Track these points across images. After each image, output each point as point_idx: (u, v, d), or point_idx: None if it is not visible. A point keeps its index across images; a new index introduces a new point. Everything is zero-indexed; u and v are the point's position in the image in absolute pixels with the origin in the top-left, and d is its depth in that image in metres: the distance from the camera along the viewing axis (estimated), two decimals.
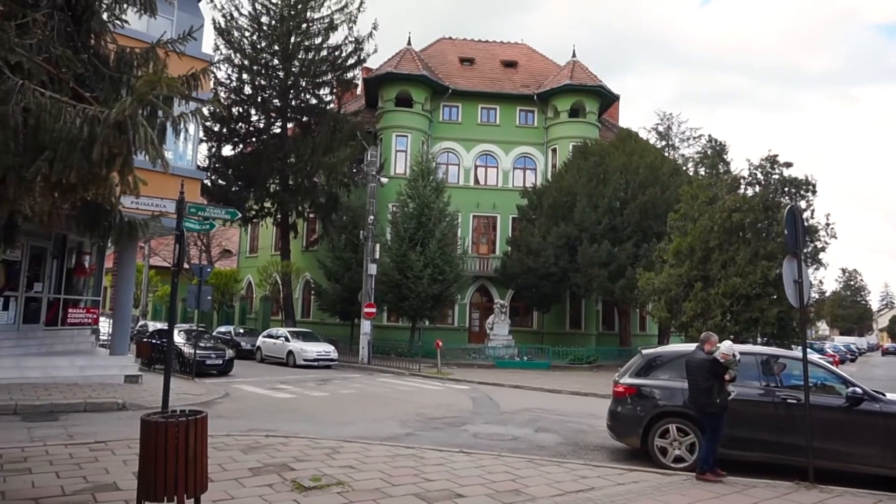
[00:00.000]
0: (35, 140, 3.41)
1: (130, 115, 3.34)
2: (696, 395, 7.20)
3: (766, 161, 17.66)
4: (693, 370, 7.26)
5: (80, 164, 3.41)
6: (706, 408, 7.11)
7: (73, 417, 10.40)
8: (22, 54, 3.71)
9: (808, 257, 17.11)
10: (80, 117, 3.43)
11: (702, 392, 7.10)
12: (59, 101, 3.52)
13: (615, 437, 8.77)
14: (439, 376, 20.74)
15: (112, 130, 3.36)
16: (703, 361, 7.21)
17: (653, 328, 36.42)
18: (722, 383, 7.09)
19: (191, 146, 15.48)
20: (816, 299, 18.69)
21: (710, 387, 7.05)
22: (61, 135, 3.38)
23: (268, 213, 31.08)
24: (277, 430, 9.76)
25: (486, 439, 9.80)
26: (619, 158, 27.48)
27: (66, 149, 3.37)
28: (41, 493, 5.49)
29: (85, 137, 3.38)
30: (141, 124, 3.37)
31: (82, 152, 3.39)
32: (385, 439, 9.22)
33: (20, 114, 3.45)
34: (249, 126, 30.78)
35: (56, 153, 3.38)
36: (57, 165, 3.40)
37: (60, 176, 3.42)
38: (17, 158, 3.44)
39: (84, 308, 17.84)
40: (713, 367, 7.10)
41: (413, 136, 32.91)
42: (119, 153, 3.37)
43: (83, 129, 3.38)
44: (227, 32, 29.63)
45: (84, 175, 3.47)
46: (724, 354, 7.14)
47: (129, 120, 3.34)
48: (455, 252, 27.95)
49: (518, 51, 40.07)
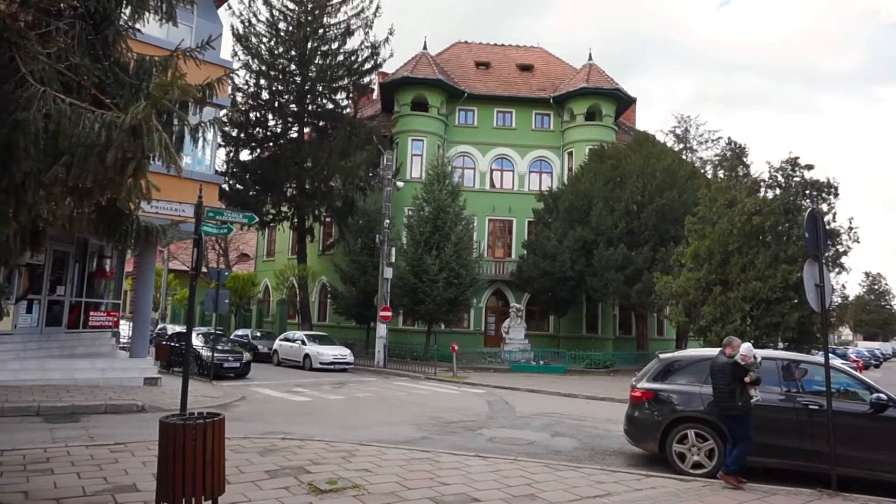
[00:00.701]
0: (55, 145, 3.47)
1: (144, 118, 3.38)
2: (718, 398, 7.18)
3: (787, 163, 17.41)
4: (715, 374, 7.25)
5: (96, 169, 3.46)
6: (728, 410, 7.07)
7: (93, 419, 10.55)
8: (45, 62, 3.78)
9: (830, 261, 16.83)
10: (98, 122, 3.49)
11: (724, 395, 7.09)
12: (78, 108, 3.58)
13: (632, 442, 8.68)
14: (455, 380, 20.71)
15: (126, 135, 3.41)
16: (724, 365, 7.19)
17: (670, 332, 36.06)
18: (743, 386, 7.03)
19: (209, 151, 15.64)
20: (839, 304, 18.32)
21: (731, 390, 7.02)
22: (80, 140, 3.44)
23: (285, 217, 31.32)
24: (294, 433, 9.81)
25: (502, 443, 9.76)
26: (635, 161, 27.28)
27: (84, 153, 3.42)
28: (63, 494, 5.57)
29: (102, 142, 3.43)
30: (155, 129, 3.42)
31: (98, 157, 3.44)
32: (401, 443, 9.23)
33: (41, 120, 3.51)
34: (267, 131, 31.08)
35: (74, 158, 3.44)
36: (74, 170, 3.46)
37: (77, 181, 3.47)
38: (37, 163, 3.50)
39: (105, 311, 18.09)
40: (734, 370, 7.07)
41: (429, 139, 32.99)
42: (133, 157, 3.41)
43: (101, 134, 3.44)
44: (246, 38, 29.95)
45: (100, 179, 3.52)
46: (743, 356, 7.11)
47: (143, 124, 3.38)
48: (471, 256, 27.94)
49: (534, 54, 40.01)
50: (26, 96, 3.47)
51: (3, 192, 3.77)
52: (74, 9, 4.57)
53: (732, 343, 7.40)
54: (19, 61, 3.55)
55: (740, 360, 7.09)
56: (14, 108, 3.49)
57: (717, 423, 7.73)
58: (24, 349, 14.28)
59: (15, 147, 3.43)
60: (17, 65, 3.55)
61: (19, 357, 13.84)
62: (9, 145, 3.48)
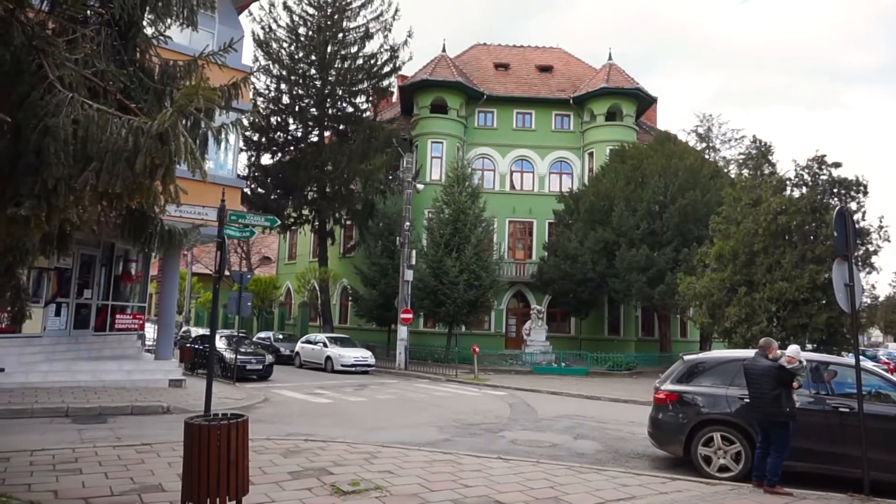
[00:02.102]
0: (84, 151, 3.53)
1: (171, 125, 3.42)
2: (763, 404, 6.89)
3: (814, 161, 17.03)
4: (757, 378, 6.96)
5: (125, 175, 3.51)
6: (775, 417, 6.81)
7: (120, 420, 10.71)
8: (72, 69, 3.85)
9: (860, 261, 16.44)
10: (125, 128, 3.54)
11: (769, 401, 6.80)
12: (105, 113, 3.64)
13: (656, 444, 8.56)
14: (476, 382, 20.65)
15: (154, 141, 3.46)
16: (768, 368, 6.92)
17: (694, 334, 35.56)
18: (789, 391, 6.82)
19: (231, 155, 15.84)
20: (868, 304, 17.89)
21: (777, 395, 6.76)
22: (108, 146, 3.49)
23: (305, 220, 31.59)
24: (316, 434, 9.85)
25: (524, 446, 9.70)
26: (657, 161, 26.98)
27: (112, 159, 3.48)
28: (91, 493, 5.66)
29: (130, 148, 3.49)
30: (182, 135, 3.46)
31: (126, 162, 3.49)
32: (422, 445, 9.21)
33: (70, 126, 3.57)
34: (287, 135, 31.38)
35: (103, 164, 3.49)
36: (103, 176, 3.52)
37: (107, 186, 3.52)
38: (67, 169, 3.56)
39: (131, 314, 18.39)
40: (780, 375, 6.82)
41: (448, 142, 33.01)
42: (161, 164, 3.46)
43: (128, 140, 3.49)
44: (266, 44, 30.29)
45: (129, 185, 3.57)
46: (790, 359, 6.85)
47: (170, 131, 3.43)
48: (491, 258, 27.88)
49: (553, 55, 39.84)
50: (55, 102, 3.53)
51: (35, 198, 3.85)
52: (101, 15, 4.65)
53: (772, 345, 7.15)
54: (48, 68, 3.63)
55: (787, 364, 6.84)
56: (43, 114, 3.56)
57: (743, 426, 7.60)
58: (52, 351, 14.57)
59: (45, 153, 3.49)
60: (46, 71, 3.62)
61: (48, 359, 14.13)
62: (39, 151, 3.55)
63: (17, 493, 5.48)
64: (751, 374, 7.08)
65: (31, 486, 5.80)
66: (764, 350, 7.17)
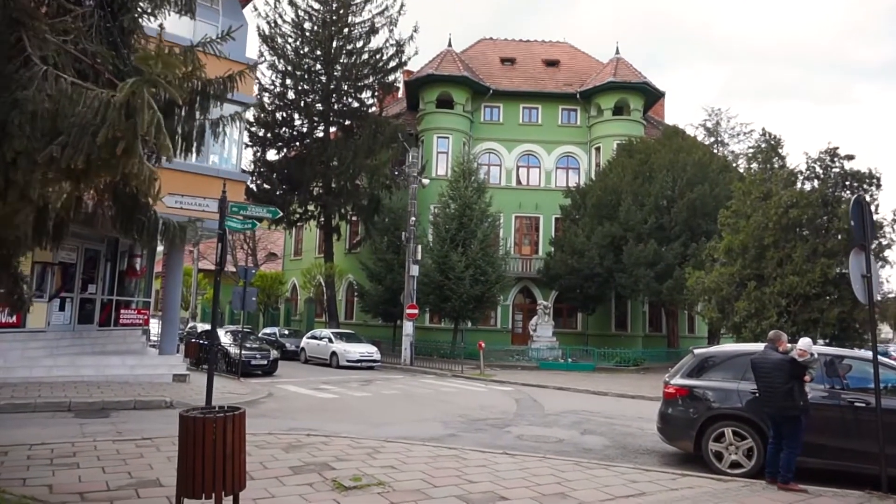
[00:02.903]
0: (53, 125, 3.37)
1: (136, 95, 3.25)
2: (774, 398, 6.69)
3: (826, 154, 16.71)
4: (768, 372, 6.75)
5: (90, 149, 3.34)
6: (787, 411, 6.61)
7: (123, 415, 10.63)
8: (56, 44, 3.71)
9: (872, 254, 16.08)
10: (97, 101, 3.38)
11: (781, 395, 6.60)
12: (80, 87, 3.48)
13: (666, 440, 8.38)
14: (482, 378, 20.51)
15: (118, 113, 3.28)
16: (780, 362, 6.72)
17: (702, 329, 35.26)
18: (801, 384, 6.63)
19: (235, 149, 15.73)
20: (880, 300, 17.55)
21: (789, 388, 6.56)
22: (77, 119, 3.33)
23: (311, 215, 31.49)
24: (319, 429, 9.73)
25: (530, 441, 9.54)
26: (665, 155, 26.70)
27: (79, 133, 3.32)
28: (87, 488, 5.54)
29: (97, 122, 3.32)
30: (148, 106, 3.28)
31: (92, 136, 3.33)
32: (427, 440, 9.07)
33: (40, 99, 3.42)
34: (293, 130, 31.27)
35: (70, 138, 3.34)
36: (67, 150, 3.36)
37: (70, 161, 3.36)
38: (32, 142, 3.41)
39: (135, 309, 18.36)
40: (792, 368, 6.63)
41: (454, 137, 32.82)
42: (123, 137, 3.28)
43: (97, 114, 3.33)
44: (271, 39, 30.16)
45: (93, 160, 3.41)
46: (801, 352, 6.67)
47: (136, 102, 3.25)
48: (497, 253, 27.70)
49: (560, 49, 39.54)
50: (28, 75, 3.38)
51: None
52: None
53: (781, 338, 6.96)
54: (26, 41, 3.48)
55: (798, 357, 6.65)
56: (15, 87, 3.41)
57: (755, 421, 7.40)
58: (56, 346, 14.52)
59: (10, 125, 3.34)
60: (24, 45, 3.47)
61: (52, 354, 14.08)
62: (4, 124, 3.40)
63: (11, 487, 5.37)
64: (761, 367, 6.88)
65: (26, 480, 5.69)
66: (774, 343, 6.98)
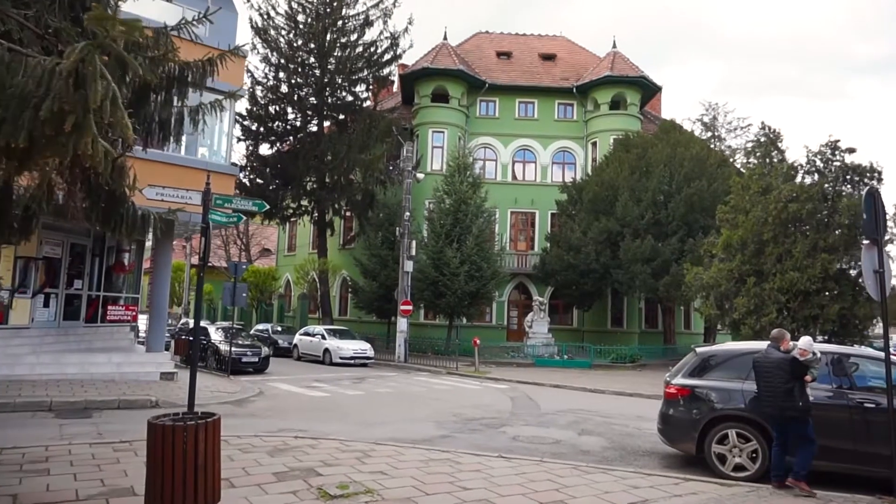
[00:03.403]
0: None
1: (85, 59, 2.88)
2: (774, 398, 6.48)
3: (827, 147, 16.45)
4: (769, 371, 6.54)
5: (31, 125, 2.98)
6: (787, 411, 6.39)
7: (106, 415, 10.29)
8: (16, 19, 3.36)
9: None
10: (41, 69, 3.02)
11: (780, 395, 6.39)
12: (19, 54, 3.12)
13: (667, 442, 8.08)
14: (477, 375, 20.22)
15: (64, 83, 2.92)
16: (780, 361, 6.50)
17: (698, 326, 35.09)
18: (802, 384, 6.38)
19: (225, 141, 15.35)
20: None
21: (790, 389, 6.34)
22: (16, 91, 2.98)
23: (305, 211, 31.11)
24: (309, 430, 9.42)
25: (526, 442, 9.25)
26: (662, 150, 26.40)
27: (18, 106, 2.96)
28: (54, 498, 5.20)
29: (41, 94, 2.96)
30: (101, 76, 2.92)
31: (35, 110, 2.97)
32: (419, 442, 8.77)
33: None
34: (286, 124, 30.86)
35: (8, 112, 2.98)
36: (6, 127, 3.00)
37: (8, 138, 3.01)
38: None
39: (123, 305, 17.98)
40: (793, 367, 6.40)
41: (450, 131, 32.47)
42: (72, 111, 2.92)
43: (41, 84, 2.97)
44: (264, 31, 29.73)
45: (37, 138, 3.05)
46: (802, 352, 6.43)
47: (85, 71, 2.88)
48: (492, 248, 27.40)
49: (556, 43, 39.19)
50: None
51: None
52: None
53: (784, 337, 6.73)
54: None
55: (799, 356, 6.41)
56: None
57: (760, 423, 7.12)
58: (40, 343, 14.14)
59: None
60: None
61: (35, 351, 13.71)
62: None
63: None
64: (762, 367, 6.66)
65: None
66: (776, 342, 6.73)
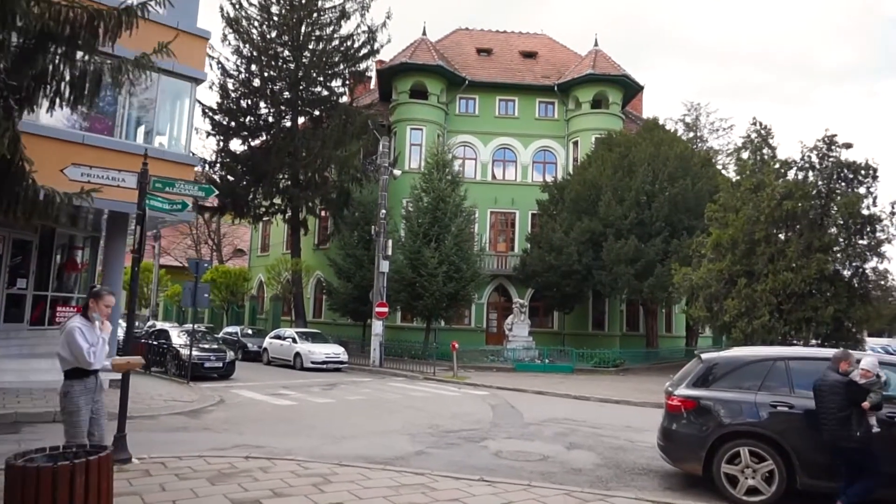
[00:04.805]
0: None
1: None
2: (828, 426, 5.66)
3: (823, 142, 15.83)
4: (825, 395, 5.73)
5: None
6: (842, 441, 5.57)
7: (38, 429, 9.14)
8: None
9: (868, 250, 15.32)
10: None
11: (836, 423, 5.57)
12: None
13: (670, 461, 7.18)
14: (455, 381, 19.27)
15: None
16: (836, 384, 5.71)
17: (680, 328, 34.60)
18: (862, 411, 5.55)
19: (185, 128, 14.21)
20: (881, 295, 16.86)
21: (846, 416, 5.54)
22: None
23: (278, 209, 29.92)
24: (266, 446, 8.40)
25: (509, 459, 8.32)
26: (646, 149, 25.77)
27: None
28: None
29: None
30: None
31: None
32: (390, 460, 7.79)
33: None
34: (259, 119, 29.67)
35: None
36: None
37: None
38: None
39: (74, 307, 16.65)
40: (848, 391, 5.59)
41: (428, 129, 31.53)
42: None
43: None
44: (236, 22, 28.54)
45: None
46: (865, 373, 5.63)
47: None
48: (472, 249, 26.48)
49: (538, 41, 38.51)
50: None
51: None
52: None
53: (848, 358, 5.88)
54: None
55: (859, 379, 5.60)
56: None
57: (777, 440, 6.28)
58: None
59: None
60: None
61: None
62: None
63: None
64: (818, 390, 5.87)
65: None
66: (836, 363, 5.90)
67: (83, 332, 5.01)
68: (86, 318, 5.12)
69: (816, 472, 6.11)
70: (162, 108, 13.97)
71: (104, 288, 5.25)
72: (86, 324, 5.09)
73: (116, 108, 13.19)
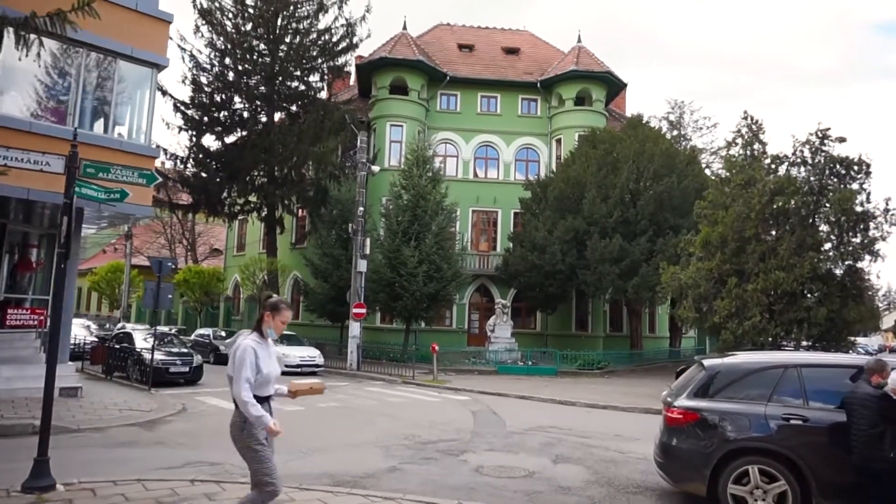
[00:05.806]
0: None
1: None
2: (858, 444, 5.01)
3: (816, 136, 15.32)
4: (855, 410, 5.10)
5: None
6: (872, 462, 4.93)
7: None
8: None
9: (861, 248, 14.84)
10: None
11: (864, 441, 4.92)
12: None
13: (670, 480, 6.45)
14: (435, 385, 18.51)
15: None
16: (867, 398, 5.10)
17: (663, 329, 34.19)
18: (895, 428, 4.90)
19: (146, 116, 13.27)
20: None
21: (877, 434, 4.88)
22: None
23: (253, 207, 28.90)
24: (223, 464, 7.58)
25: (492, 475, 7.57)
26: (630, 146, 25.24)
27: None
28: None
29: None
30: None
31: None
32: (359, 478, 7.02)
33: None
34: (233, 114, 28.60)
35: None
36: None
37: None
38: None
39: (28, 308, 15.57)
40: (880, 407, 4.97)
41: (408, 125, 30.76)
42: None
43: None
44: (210, 13, 27.42)
45: None
46: None
47: None
48: (453, 248, 25.76)
49: (520, 37, 37.92)
50: None
51: None
52: None
53: (884, 369, 5.24)
54: None
55: (892, 393, 4.99)
56: None
57: (789, 457, 5.62)
58: None
59: None
60: None
61: None
62: None
63: None
64: (848, 405, 5.25)
65: None
66: (868, 374, 5.25)
67: (256, 353, 4.07)
68: (259, 333, 4.21)
69: (835, 494, 5.45)
70: (120, 95, 13.02)
71: (282, 300, 4.32)
72: (260, 342, 4.16)
73: (69, 95, 12.25)
